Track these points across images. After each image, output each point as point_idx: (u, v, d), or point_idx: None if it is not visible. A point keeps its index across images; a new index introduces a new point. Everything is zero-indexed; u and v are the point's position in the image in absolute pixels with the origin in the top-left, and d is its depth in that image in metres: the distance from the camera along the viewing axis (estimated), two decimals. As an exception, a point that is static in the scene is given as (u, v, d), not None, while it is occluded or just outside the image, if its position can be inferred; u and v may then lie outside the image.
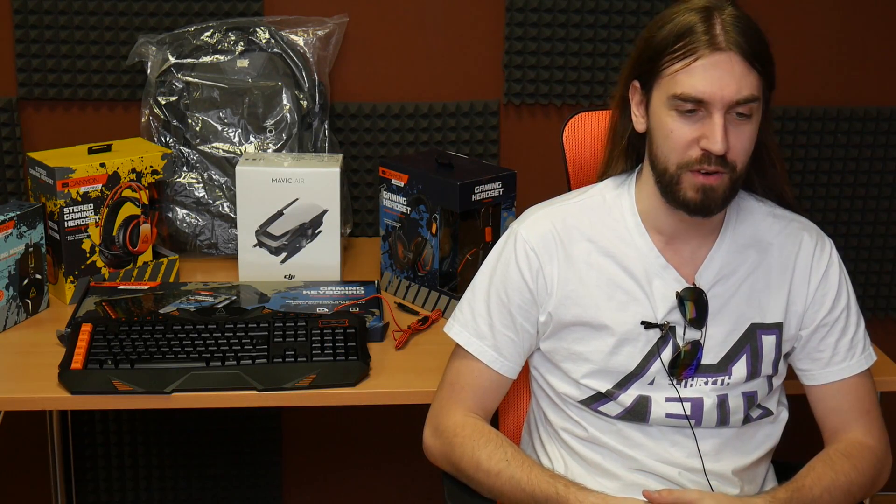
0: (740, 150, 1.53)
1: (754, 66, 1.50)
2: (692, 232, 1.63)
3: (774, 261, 1.66)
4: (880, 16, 2.58)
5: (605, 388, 1.63)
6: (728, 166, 1.52)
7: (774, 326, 1.65)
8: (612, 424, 1.65)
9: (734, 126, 1.51)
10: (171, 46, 2.39)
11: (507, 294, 1.67)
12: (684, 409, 1.63)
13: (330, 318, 2.00)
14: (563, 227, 1.66)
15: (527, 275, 1.65)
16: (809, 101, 2.59)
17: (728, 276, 1.64)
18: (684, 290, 1.62)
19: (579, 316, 1.64)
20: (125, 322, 1.97)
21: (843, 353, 1.68)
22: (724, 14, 1.51)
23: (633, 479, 1.64)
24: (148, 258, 2.27)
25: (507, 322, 1.67)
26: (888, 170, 2.64)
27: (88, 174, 2.13)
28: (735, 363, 1.64)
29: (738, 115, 1.51)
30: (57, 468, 2.59)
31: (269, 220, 2.22)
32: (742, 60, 1.49)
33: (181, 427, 2.68)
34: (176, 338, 1.91)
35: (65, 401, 1.84)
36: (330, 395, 1.86)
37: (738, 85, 1.49)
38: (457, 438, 1.66)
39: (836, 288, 1.68)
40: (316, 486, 2.79)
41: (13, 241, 2.05)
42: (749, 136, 1.53)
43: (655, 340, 1.62)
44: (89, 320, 1.97)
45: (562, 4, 2.50)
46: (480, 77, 2.56)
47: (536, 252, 1.65)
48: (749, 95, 1.50)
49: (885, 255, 2.69)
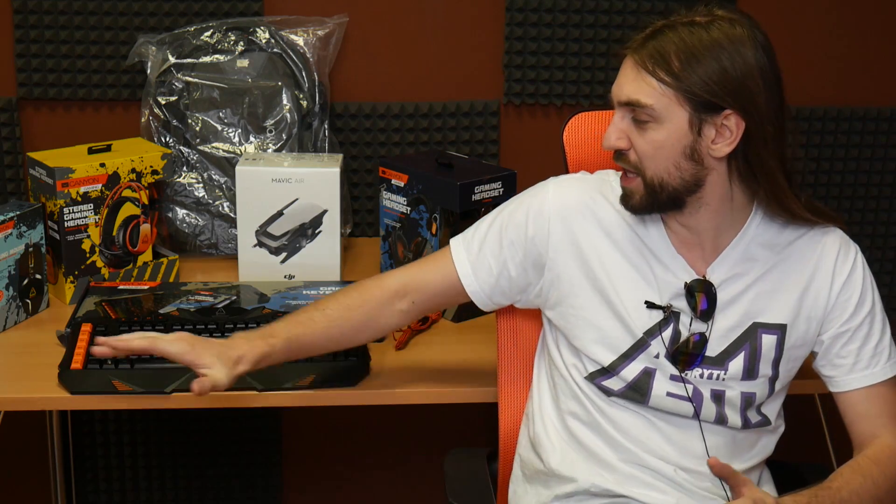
0: (641, 152, 1.57)
1: (654, 74, 1.52)
2: (708, 227, 1.63)
3: (790, 263, 1.66)
4: (880, 16, 2.58)
5: (610, 359, 1.64)
6: (634, 167, 1.58)
7: (777, 327, 1.65)
8: (612, 405, 1.66)
9: (636, 129, 1.57)
10: (171, 46, 2.39)
11: (508, 227, 1.71)
12: (686, 390, 1.64)
13: None
14: (592, 201, 1.68)
15: (531, 227, 1.69)
16: (809, 101, 2.59)
17: (741, 275, 1.64)
18: (694, 281, 1.63)
19: (587, 277, 1.66)
20: (125, 322, 1.97)
21: (866, 360, 1.67)
22: (680, 24, 1.54)
23: (629, 472, 1.65)
24: (148, 258, 2.27)
25: (494, 250, 1.71)
26: (888, 170, 2.65)
27: (88, 174, 2.13)
28: (732, 359, 1.64)
29: (634, 119, 1.56)
30: (57, 468, 2.59)
31: (269, 220, 2.22)
32: (635, 65, 1.54)
33: (181, 427, 2.68)
34: (176, 338, 1.91)
35: (65, 401, 1.84)
36: (330, 395, 1.86)
37: (628, 87, 1.55)
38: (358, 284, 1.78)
39: (860, 294, 1.67)
40: (316, 486, 2.79)
41: (13, 241, 2.05)
42: (651, 142, 1.56)
43: (657, 321, 1.63)
44: (89, 320, 1.97)
45: (562, 4, 2.50)
46: (480, 77, 2.56)
47: (553, 215, 1.68)
48: (633, 99, 1.54)
49: (885, 255, 2.69)
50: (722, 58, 1.51)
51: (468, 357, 1.98)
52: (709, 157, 1.56)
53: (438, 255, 1.77)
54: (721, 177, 1.58)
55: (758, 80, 1.52)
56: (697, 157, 1.55)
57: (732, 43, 1.51)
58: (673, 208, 1.61)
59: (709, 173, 1.57)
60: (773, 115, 1.54)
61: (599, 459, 1.67)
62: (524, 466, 1.80)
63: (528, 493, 1.77)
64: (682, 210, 1.61)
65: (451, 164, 2.18)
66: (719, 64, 1.51)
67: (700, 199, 1.60)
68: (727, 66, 1.51)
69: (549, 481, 1.72)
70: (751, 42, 1.52)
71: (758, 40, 1.53)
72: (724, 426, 1.66)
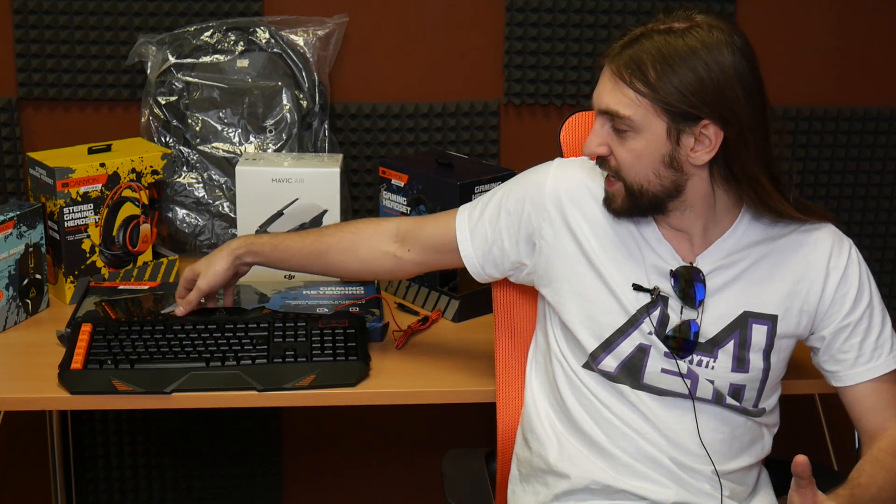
0: (620, 160, 1.59)
1: (631, 85, 1.53)
2: (695, 226, 1.64)
3: (782, 255, 1.66)
4: (880, 16, 2.58)
5: (606, 334, 1.65)
6: (615, 173, 1.60)
7: (768, 317, 1.66)
8: (609, 392, 1.67)
9: (616, 138, 1.58)
10: (171, 46, 2.39)
11: (508, 199, 1.76)
12: (679, 367, 1.64)
13: (330, 319, 2.00)
14: (591, 182, 1.70)
15: (528, 203, 1.73)
16: (809, 101, 2.59)
17: (731, 265, 1.65)
18: (680, 267, 1.64)
19: (583, 254, 1.68)
20: (125, 322, 1.97)
21: (868, 353, 1.67)
22: (656, 32, 1.53)
23: (627, 462, 1.65)
24: (148, 258, 2.27)
25: (493, 219, 1.76)
26: (888, 170, 2.65)
27: (88, 174, 2.13)
28: (722, 347, 1.65)
29: (613, 128, 1.57)
30: (57, 468, 2.59)
31: (269, 220, 2.22)
32: (612, 75, 1.55)
33: (181, 427, 2.68)
34: (176, 338, 1.91)
35: (65, 401, 1.84)
36: (330, 395, 1.86)
37: (606, 97, 1.56)
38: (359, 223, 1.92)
39: (857, 288, 1.67)
40: (316, 486, 2.79)
41: (13, 241, 2.05)
42: (631, 151, 1.57)
43: (645, 304, 1.64)
44: (89, 320, 1.97)
45: (562, 4, 2.50)
46: (480, 77, 2.56)
47: (550, 193, 1.71)
48: (611, 110, 1.55)
49: (885, 255, 2.69)
50: (698, 66, 1.50)
51: (467, 357, 1.98)
52: (688, 165, 1.57)
53: (443, 214, 1.85)
54: (703, 182, 1.59)
55: (736, 88, 1.52)
56: (677, 165, 1.56)
57: (709, 50, 1.51)
58: (655, 212, 1.63)
59: (689, 178, 1.58)
60: (753, 121, 1.54)
61: (598, 449, 1.67)
62: (521, 465, 1.80)
63: (525, 493, 1.77)
64: (666, 214, 1.62)
65: (451, 164, 2.18)
66: (695, 73, 1.50)
67: (683, 203, 1.61)
68: (703, 76, 1.50)
69: (547, 479, 1.72)
70: (728, 48, 1.51)
71: (736, 45, 1.52)
72: (722, 406, 1.66)
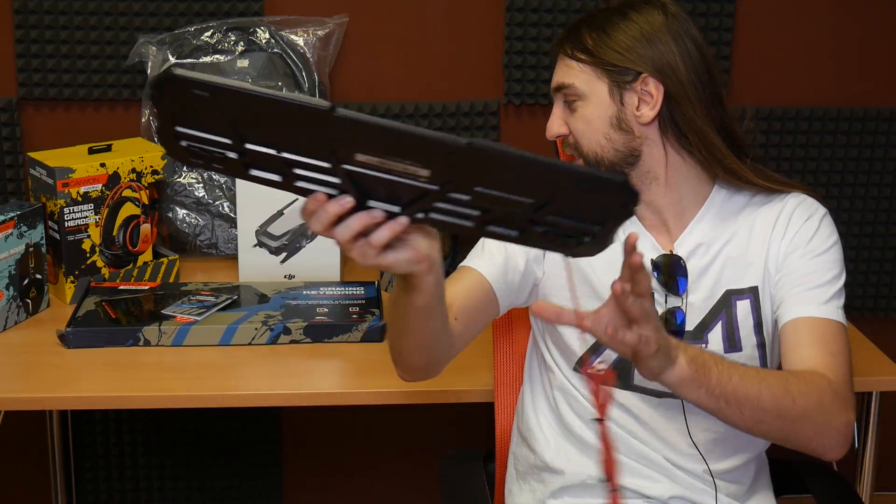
0: (575, 132, 1.63)
1: (572, 56, 1.62)
2: (667, 204, 1.65)
3: (755, 228, 1.66)
4: (880, 16, 2.57)
5: (592, 339, 1.62)
6: (576, 150, 1.64)
7: (749, 291, 1.65)
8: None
9: (570, 113, 1.64)
10: (171, 46, 2.39)
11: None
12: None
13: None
14: None
15: None
16: (809, 101, 2.59)
17: (707, 245, 1.65)
18: (660, 256, 1.65)
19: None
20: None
21: (806, 293, 1.61)
22: (594, 11, 1.65)
23: (621, 461, 1.66)
24: (148, 258, 2.27)
25: (498, 245, 1.68)
26: (888, 170, 2.64)
27: (88, 174, 2.13)
28: (710, 331, 1.65)
29: (566, 103, 1.64)
30: (57, 468, 2.59)
31: (269, 220, 2.22)
32: (561, 55, 1.65)
33: (181, 427, 2.68)
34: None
35: (65, 401, 1.85)
36: (330, 395, 1.87)
37: (555, 76, 1.65)
38: None
39: (814, 234, 1.65)
40: (316, 486, 2.79)
41: (13, 241, 2.05)
42: (581, 119, 1.62)
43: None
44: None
45: (562, 4, 2.50)
46: (480, 77, 2.56)
47: None
48: (558, 83, 1.64)
49: (884, 255, 2.69)
50: (630, 27, 1.60)
51: (466, 357, 1.98)
52: (637, 125, 1.60)
53: (453, 273, 1.72)
54: (656, 145, 1.61)
55: (668, 42, 1.59)
56: (626, 127, 1.60)
57: (640, 13, 1.60)
58: None
59: (643, 142, 1.61)
60: (693, 75, 1.59)
61: (592, 450, 1.67)
62: (517, 463, 1.80)
63: (522, 491, 1.77)
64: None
65: (450, 165, 2.17)
66: (627, 32, 1.59)
67: (647, 174, 1.62)
68: (634, 34, 1.59)
69: (543, 476, 1.73)
70: (660, 10, 1.61)
71: (668, 8, 1.61)
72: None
